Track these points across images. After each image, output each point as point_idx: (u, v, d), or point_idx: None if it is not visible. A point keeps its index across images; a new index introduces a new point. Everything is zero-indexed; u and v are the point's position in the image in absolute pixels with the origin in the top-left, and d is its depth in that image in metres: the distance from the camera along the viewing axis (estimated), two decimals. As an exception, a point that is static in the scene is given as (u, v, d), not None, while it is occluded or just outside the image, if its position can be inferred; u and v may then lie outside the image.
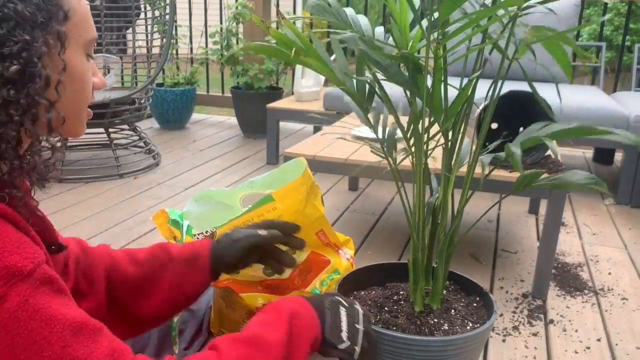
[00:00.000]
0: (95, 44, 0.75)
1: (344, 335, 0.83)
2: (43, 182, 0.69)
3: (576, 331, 1.52)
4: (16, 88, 0.59)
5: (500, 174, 1.60)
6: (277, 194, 1.22)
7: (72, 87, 0.67)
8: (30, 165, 0.65)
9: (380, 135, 1.08)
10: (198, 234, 1.25)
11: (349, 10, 1.00)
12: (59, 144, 0.68)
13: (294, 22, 0.97)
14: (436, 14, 0.86)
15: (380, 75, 1.01)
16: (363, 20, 1.01)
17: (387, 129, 1.13)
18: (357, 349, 0.83)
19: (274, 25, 1.03)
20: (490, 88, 1.00)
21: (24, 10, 0.60)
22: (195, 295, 0.98)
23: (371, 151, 1.10)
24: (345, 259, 1.36)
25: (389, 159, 1.08)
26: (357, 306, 0.88)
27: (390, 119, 1.07)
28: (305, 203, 1.23)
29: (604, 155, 3.27)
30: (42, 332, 0.55)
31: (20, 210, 0.62)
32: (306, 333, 0.78)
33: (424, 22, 0.90)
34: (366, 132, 1.94)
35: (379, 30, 1.03)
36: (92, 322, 0.61)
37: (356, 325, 0.85)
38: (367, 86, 1.01)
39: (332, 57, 0.99)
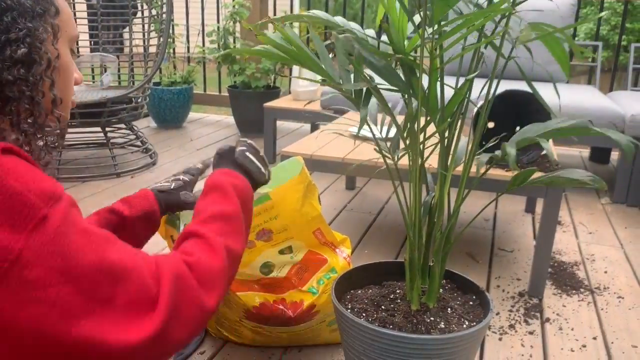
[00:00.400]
0: (92, 43, 0.86)
1: (263, 170, 1.03)
2: (53, 149, 0.79)
3: (572, 329, 1.53)
4: (25, 68, 0.69)
5: (496, 172, 1.60)
6: (274, 193, 1.22)
7: (62, 76, 0.77)
8: (42, 134, 0.74)
9: (382, 134, 1.08)
10: None
11: (339, 18, 1.00)
12: (62, 117, 0.78)
13: (291, 24, 0.97)
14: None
15: (376, 78, 1.01)
16: (354, 25, 1.02)
17: (388, 128, 1.13)
18: (270, 168, 1.07)
19: (271, 27, 1.03)
20: (484, 87, 1.01)
21: (25, 2, 0.69)
22: (147, 239, 1.14)
23: (374, 149, 1.10)
24: (342, 258, 1.36)
25: (389, 157, 1.09)
26: (247, 141, 1.06)
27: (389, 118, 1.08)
28: (302, 202, 1.23)
29: (600, 154, 3.28)
30: (82, 241, 0.64)
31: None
32: (247, 194, 0.96)
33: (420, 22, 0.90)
34: (364, 131, 1.94)
35: (371, 32, 1.04)
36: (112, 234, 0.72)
37: (259, 155, 1.05)
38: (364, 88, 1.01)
39: (331, 56, 0.99)
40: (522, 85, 2.18)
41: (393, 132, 1.22)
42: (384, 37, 0.98)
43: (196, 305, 0.74)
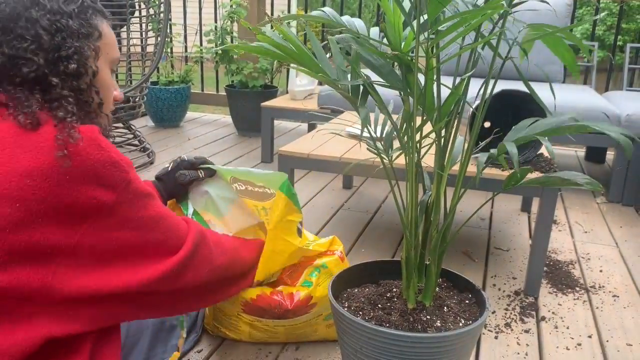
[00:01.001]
0: None
1: None
2: (109, 131, 1.00)
3: (567, 328, 1.54)
4: (76, 79, 0.87)
5: (492, 172, 1.61)
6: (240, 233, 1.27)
7: (103, 92, 0.93)
8: (104, 119, 0.96)
9: (375, 134, 1.08)
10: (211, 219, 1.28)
11: (346, 17, 1.01)
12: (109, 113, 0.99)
13: (289, 23, 0.97)
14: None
15: (373, 77, 1.02)
16: (359, 22, 1.02)
17: (384, 127, 1.14)
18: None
19: (268, 26, 1.03)
20: (481, 87, 1.01)
21: (72, 25, 0.85)
22: None
23: (367, 149, 1.11)
24: (336, 256, 1.37)
25: (384, 156, 1.09)
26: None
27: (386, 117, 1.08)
28: (273, 242, 1.25)
29: (595, 153, 3.30)
30: (147, 199, 0.89)
31: None
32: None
33: (415, 22, 0.91)
34: (358, 130, 1.95)
35: (375, 31, 1.04)
36: None
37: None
38: (361, 86, 1.02)
39: (328, 55, 1.00)
40: (518, 85, 2.19)
41: (386, 131, 1.22)
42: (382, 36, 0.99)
43: (208, 260, 1.01)
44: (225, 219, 1.28)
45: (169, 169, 1.28)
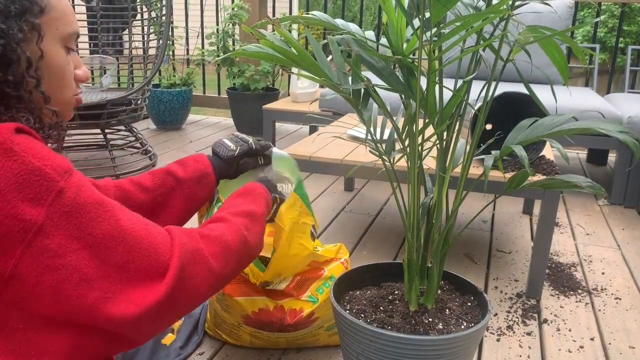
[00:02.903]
0: (92, 45, 0.85)
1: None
2: (57, 140, 0.82)
3: (570, 330, 1.53)
4: (2, 70, 0.70)
5: (494, 174, 1.61)
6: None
7: (53, 76, 0.77)
8: (42, 128, 0.77)
9: (377, 136, 1.09)
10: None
11: (340, 21, 1.01)
12: (56, 110, 0.79)
13: (290, 26, 0.97)
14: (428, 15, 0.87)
15: (374, 79, 1.02)
16: (353, 26, 1.02)
17: (385, 130, 1.14)
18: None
19: (269, 27, 1.03)
20: (483, 89, 1.01)
21: None
22: (203, 203, 1.17)
23: (369, 151, 1.11)
24: (339, 263, 1.37)
25: (386, 159, 1.09)
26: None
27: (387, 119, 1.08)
28: (289, 244, 1.21)
29: (597, 156, 3.30)
30: (97, 211, 0.70)
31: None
32: (269, 205, 1.09)
33: (417, 24, 0.91)
34: (362, 132, 1.95)
35: (370, 34, 1.04)
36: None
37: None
38: (362, 89, 1.02)
39: (329, 58, 1.00)
40: (520, 88, 2.19)
41: (387, 133, 1.22)
42: (383, 39, 0.99)
43: (204, 267, 0.80)
44: None
45: (235, 153, 1.16)
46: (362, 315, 1.07)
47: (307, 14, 0.97)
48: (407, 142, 1.03)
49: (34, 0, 0.73)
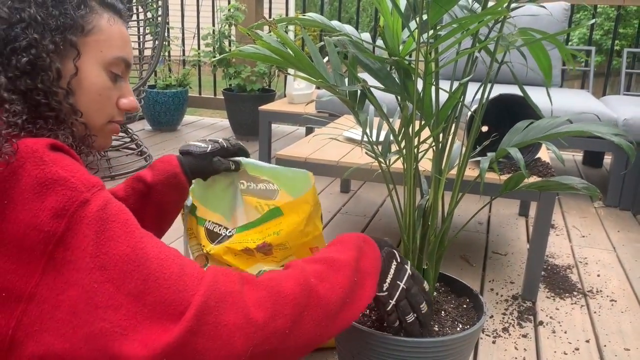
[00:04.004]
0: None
1: (385, 285, 0.89)
2: (86, 151, 0.81)
3: (565, 332, 1.53)
4: (31, 77, 0.70)
5: (490, 176, 1.61)
6: (285, 208, 1.22)
7: (86, 96, 0.77)
8: (73, 136, 0.76)
9: (373, 138, 1.08)
10: (217, 225, 1.25)
11: (336, 22, 1.01)
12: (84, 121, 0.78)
13: (286, 27, 0.97)
14: (425, 17, 0.87)
15: (370, 80, 1.01)
16: (349, 28, 1.02)
17: (381, 131, 1.14)
18: (392, 302, 0.89)
19: (265, 29, 1.03)
20: (478, 91, 1.01)
21: (37, 15, 0.71)
22: (178, 209, 1.13)
23: (366, 153, 1.11)
24: None
25: (382, 160, 1.09)
26: (407, 266, 0.93)
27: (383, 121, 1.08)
28: (306, 222, 1.23)
29: (593, 158, 3.30)
30: (120, 231, 0.65)
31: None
32: (371, 263, 0.86)
33: (414, 26, 0.91)
34: (358, 134, 1.95)
35: (365, 36, 1.04)
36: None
37: (398, 281, 0.90)
38: (359, 90, 1.02)
39: (325, 60, 1.00)
40: (516, 90, 2.19)
41: (383, 135, 1.22)
42: (379, 41, 0.99)
43: (239, 314, 0.66)
44: (236, 214, 1.27)
45: (207, 150, 1.13)
46: (358, 317, 1.07)
47: (304, 15, 0.97)
48: (403, 144, 1.03)
49: (78, 19, 0.74)
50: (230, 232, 1.26)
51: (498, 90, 1.71)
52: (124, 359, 0.61)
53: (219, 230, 1.26)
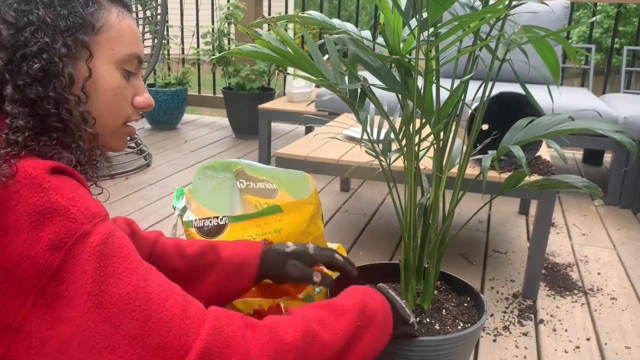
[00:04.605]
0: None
1: (408, 312, 0.91)
2: (93, 166, 0.78)
3: (566, 331, 1.53)
4: (43, 84, 0.66)
5: (490, 174, 1.61)
6: (285, 207, 1.22)
7: (101, 97, 0.73)
8: (80, 150, 0.71)
9: (373, 136, 1.08)
10: (206, 219, 1.24)
11: (336, 20, 1.01)
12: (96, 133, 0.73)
13: (286, 26, 0.97)
14: (425, 15, 0.87)
15: (371, 79, 1.01)
16: (350, 26, 1.02)
17: (382, 130, 1.13)
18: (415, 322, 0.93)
19: (265, 27, 1.03)
20: (478, 89, 1.01)
21: (46, 16, 0.67)
22: (235, 297, 1.00)
23: (366, 151, 1.10)
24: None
25: (382, 159, 1.09)
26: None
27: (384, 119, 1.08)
28: (308, 222, 1.22)
29: (593, 156, 3.30)
30: (120, 268, 0.61)
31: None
32: (379, 312, 0.84)
33: (414, 23, 0.91)
34: (358, 132, 1.95)
35: (366, 34, 1.04)
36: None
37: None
38: (359, 88, 1.01)
39: (325, 57, 0.99)
40: (516, 87, 2.19)
41: (384, 133, 1.22)
42: (380, 39, 0.98)
43: (239, 356, 0.64)
44: (234, 213, 1.27)
45: (287, 250, 1.00)
46: (359, 316, 1.06)
47: (304, 13, 0.97)
48: (403, 142, 1.03)
49: (87, 18, 0.70)
50: (222, 220, 1.24)
51: (498, 88, 1.71)
52: None
53: (210, 222, 1.24)
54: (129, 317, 0.60)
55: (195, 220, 1.23)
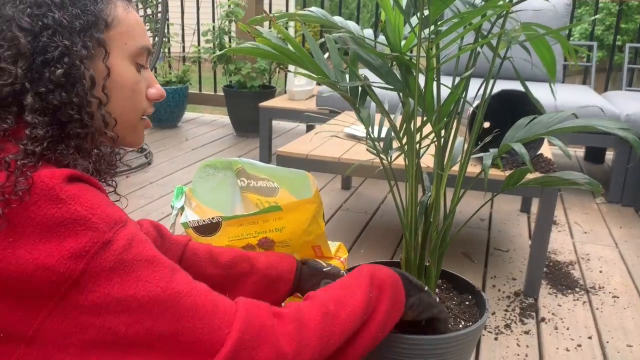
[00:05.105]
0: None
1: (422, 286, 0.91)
2: (112, 172, 0.76)
3: (567, 329, 1.53)
4: (66, 90, 0.65)
5: (492, 172, 1.60)
6: (286, 207, 1.22)
7: (120, 94, 0.72)
8: (100, 157, 0.71)
9: (374, 134, 1.08)
10: (204, 219, 1.24)
11: (338, 18, 1.00)
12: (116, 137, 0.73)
13: (286, 24, 0.96)
14: (427, 12, 0.86)
15: (371, 77, 1.01)
16: (352, 24, 1.01)
17: (383, 127, 1.13)
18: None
19: (265, 25, 1.02)
20: (480, 86, 1.00)
21: (62, 18, 0.65)
22: None
23: (367, 149, 1.10)
24: (338, 261, 1.36)
25: (383, 157, 1.08)
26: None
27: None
28: (310, 221, 1.22)
29: (595, 154, 3.29)
30: (147, 271, 0.62)
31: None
32: (387, 279, 0.86)
33: (415, 21, 0.90)
34: (359, 130, 1.94)
35: (368, 32, 1.03)
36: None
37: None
38: (360, 87, 1.01)
39: (326, 55, 0.99)
40: (517, 85, 2.18)
41: (385, 131, 1.21)
42: (381, 37, 0.98)
43: (272, 349, 0.66)
44: (235, 212, 1.26)
45: (324, 269, 1.04)
46: (360, 314, 1.06)
47: (305, 10, 0.96)
48: (404, 140, 1.02)
49: (99, 14, 0.69)
50: (215, 219, 1.23)
51: (499, 86, 1.70)
52: None
53: (204, 222, 1.24)
54: (162, 318, 0.61)
55: (191, 222, 1.23)
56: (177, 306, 0.62)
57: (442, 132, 1.01)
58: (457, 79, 0.97)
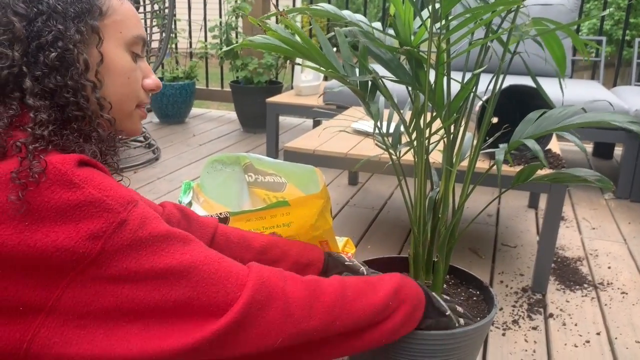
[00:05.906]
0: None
1: (446, 309, 0.94)
2: (112, 152, 0.78)
3: (576, 325, 1.52)
4: (61, 73, 0.68)
5: (502, 168, 1.59)
6: (294, 202, 1.22)
7: (114, 81, 0.74)
8: (99, 139, 0.73)
9: (383, 129, 1.07)
10: (212, 214, 1.24)
11: (347, 12, 1.00)
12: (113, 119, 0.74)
13: (294, 19, 0.96)
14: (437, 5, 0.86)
15: (381, 71, 1.00)
16: (361, 17, 1.01)
17: (392, 123, 1.13)
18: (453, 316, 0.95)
19: (273, 19, 1.02)
20: (490, 82, 1.00)
21: (56, 4, 0.68)
22: None
23: (375, 144, 1.10)
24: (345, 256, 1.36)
25: (392, 152, 1.08)
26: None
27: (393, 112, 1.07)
28: (318, 216, 1.22)
29: (603, 149, 3.27)
30: (161, 245, 0.65)
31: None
32: (412, 295, 0.87)
33: (426, 15, 0.90)
34: (366, 125, 1.94)
35: (377, 25, 1.03)
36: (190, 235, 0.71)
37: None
38: (370, 81, 1.01)
39: (334, 50, 0.99)
40: (525, 80, 2.17)
41: (393, 127, 1.21)
42: (390, 31, 0.98)
43: (279, 309, 0.71)
44: (242, 207, 1.27)
45: (347, 262, 1.09)
46: (368, 309, 1.06)
47: (313, 5, 0.96)
48: (414, 136, 1.02)
49: (94, 2, 0.71)
50: (223, 214, 1.24)
51: (508, 81, 1.69)
52: (169, 353, 0.64)
53: (212, 217, 1.25)
54: (177, 287, 0.65)
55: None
56: (192, 275, 0.66)
57: (452, 127, 1.01)
58: (468, 75, 0.97)
